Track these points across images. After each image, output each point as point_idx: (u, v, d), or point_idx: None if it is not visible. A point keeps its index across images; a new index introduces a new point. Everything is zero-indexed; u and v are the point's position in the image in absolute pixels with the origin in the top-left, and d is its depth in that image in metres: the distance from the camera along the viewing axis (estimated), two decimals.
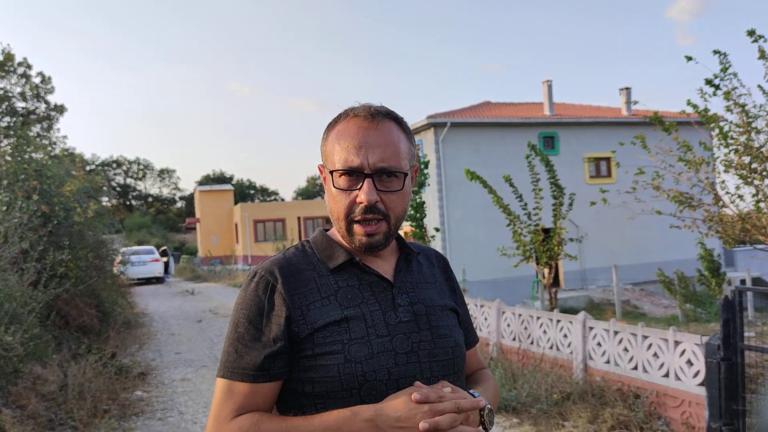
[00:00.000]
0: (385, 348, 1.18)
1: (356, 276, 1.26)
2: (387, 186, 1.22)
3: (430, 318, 1.27)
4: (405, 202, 1.26)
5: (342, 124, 1.25)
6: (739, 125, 6.73)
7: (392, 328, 1.21)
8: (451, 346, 1.27)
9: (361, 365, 1.15)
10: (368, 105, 1.26)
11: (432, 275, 1.39)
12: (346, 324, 1.18)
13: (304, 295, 1.21)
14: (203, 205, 39.70)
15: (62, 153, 18.02)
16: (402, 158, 1.23)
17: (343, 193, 1.22)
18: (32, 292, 6.32)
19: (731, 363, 4.22)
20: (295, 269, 1.25)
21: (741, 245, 8.18)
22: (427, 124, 17.92)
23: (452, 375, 1.25)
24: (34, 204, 6.97)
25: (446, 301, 1.35)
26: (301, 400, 1.19)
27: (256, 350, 1.18)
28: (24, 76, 30.99)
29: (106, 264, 11.70)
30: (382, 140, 1.21)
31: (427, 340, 1.24)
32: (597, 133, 19.65)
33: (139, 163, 73.82)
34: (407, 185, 1.26)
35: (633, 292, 18.28)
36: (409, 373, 1.19)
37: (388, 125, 1.24)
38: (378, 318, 1.21)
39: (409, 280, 1.31)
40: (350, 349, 1.16)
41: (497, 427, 5.63)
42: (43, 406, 5.63)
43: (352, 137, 1.21)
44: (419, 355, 1.21)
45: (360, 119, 1.23)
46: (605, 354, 6.02)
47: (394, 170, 1.21)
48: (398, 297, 1.26)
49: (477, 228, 17.80)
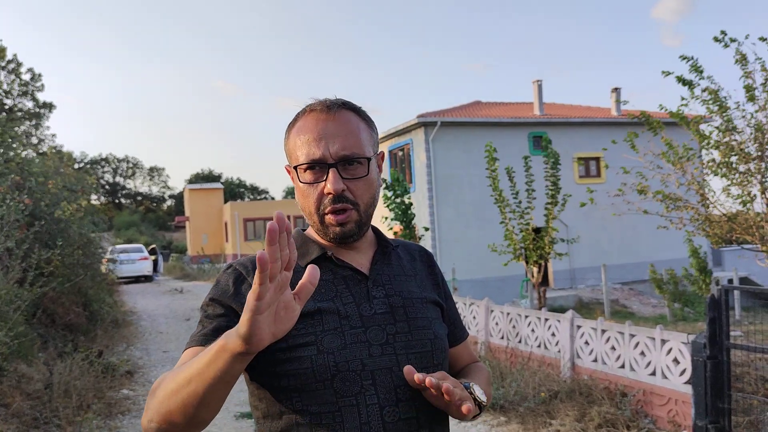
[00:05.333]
0: (358, 339, 1.18)
1: (330, 270, 1.25)
2: (352, 174, 1.22)
3: (408, 310, 1.26)
4: (373, 189, 1.26)
5: (301, 121, 1.25)
6: (719, 128, 6.78)
7: (366, 320, 1.20)
8: (430, 338, 1.25)
9: (333, 356, 1.14)
10: (324, 99, 1.27)
11: (412, 268, 1.37)
12: (319, 316, 1.18)
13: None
14: (193, 204, 39.55)
15: (50, 151, 17.86)
16: (363, 145, 1.24)
17: (310, 187, 1.23)
18: (18, 290, 6.26)
19: (717, 361, 4.24)
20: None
21: (728, 245, 8.24)
22: (417, 124, 17.91)
23: (431, 367, 1.22)
24: (16, 198, 6.89)
25: (427, 294, 1.33)
26: (278, 395, 1.17)
27: (216, 321, 1.17)
28: (13, 72, 30.73)
29: (94, 262, 11.63)
30: (341, 129, 1.22)
31: (404, 332, 1.22)
32: (587, 133, 19.72)
33: (128, 161, 73.49)
34: (373, 171, 1.26)
35: (622, 292, 18.36)
36: (384, 364, 1.17)
37: (346, 115, 1.24)
38: (352, 310, 1.21)
39: (386, 272, 1.30)
40: (323, 340, 1.15)
41: (485, 425, 5.64)
42: (28, 404, 5.58)
43: (311, 131, 1.22)
44: (395, 346, 1.20)
45: (317, 113, 1.23)
46: (593, 353, 6.05)
47: (357, 157, 1.21)
48: (373, 289, 1.25)
49: (467, 227, 17.82)
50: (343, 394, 1.14)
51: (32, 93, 31.80)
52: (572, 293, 17.69)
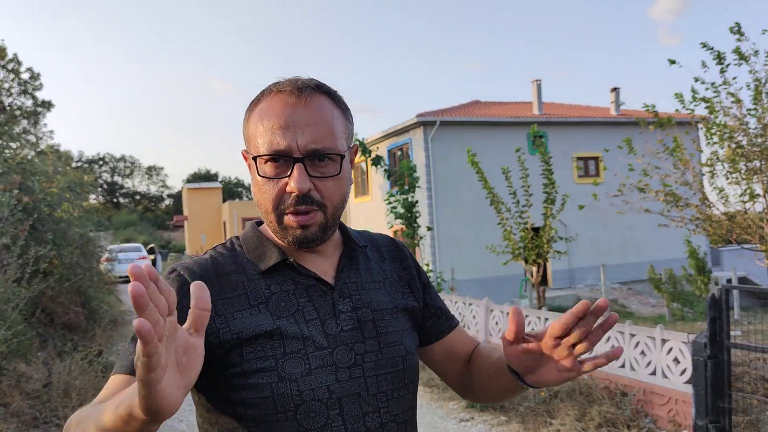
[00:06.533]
0: (324, 363, 1.03)
1: (291, 279, 1.09)
2: (321, 171, 1.05)
3: (377, 324, 1.12)
4: (343, 189, 1.09)
5: (265, 102, 1.07)
6: (728, 127, 6.76)
7: (332, 339, 1.06)
8: (402, 355, 1.12)
9: (296, 383, 1.00)
10: (295, 78, 1.08)
11: (381, 271, 1.21)
12: (279, 336, 1.02)
13: (230, 302, 1.04)
14: (191, 203, 39.56)
15: (48, 149, 17.84)
16: (337, 138, 1.06)
17: (270, 182, 1.05)
18: (16, 289, 6.24)
19: (718, 361, 4.23)
20: (221, 271, 1.07)
21: (728, 245, 8.23)
22: (416, 123, 17.90)
23: (403, 387, 1.11)
24: (14, 198, 6.87)
25: (398, 301, 1.19)
26: (233, 424, 1.02)
27: None
28: (13, 72, 30.68)
29: (93, 261, 11.61)
30: (312, 118, 1.04)
31: (373, 351, 1.09)
32: (586, 132, 19.72)
33: (126, 161, 73.43)
34: (345, 169, 1.08)
35: (620, 291, 18.37)
36: (353, 389, 1.04)
37: (319, 100, 1.06)
38: (316, 328, 1.05)
39: (353, 280, 1.15)
40: (284, 365, 1.00)
41: (485, 425, 5.63)
42: (27, 404, 5.56)
43: (277, 116, 1.03)
44: (364, 368, 1.06)
45: (285, 95, 1.05)
46: (592, 352, 6.04)
47: (329, 152, 1.04)
48: (339, 302, 1.10)
49: (466, 227, 17.81)
50: (308, 427, 1.00)
51: (31, 92, 31.75)
52: (571, 293, 17.70)
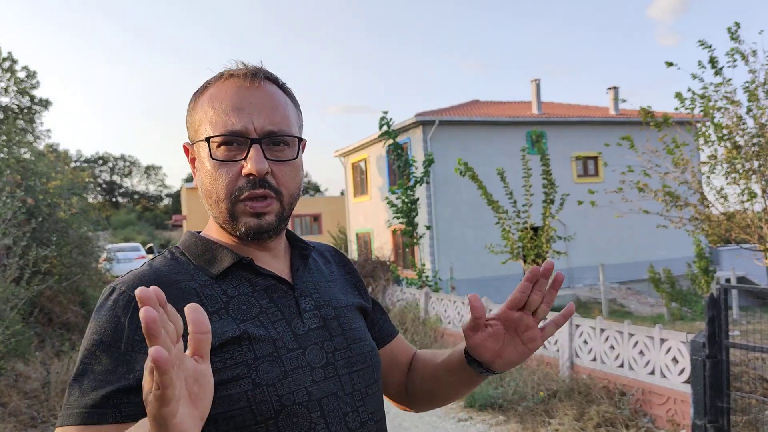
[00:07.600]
0: (299, 363, 0.97)
1: (247, 281, 1.01)
2: (278, 155, 0.99)
3: (341, 321, 1.08)
4: (299, 177, 1.05)
5: (215, 87, 1.01)
6: (726, 127, 6.76)
7: (302, 339, 1.00)
8: (368, 351, 1.09)
9: (274, 388, 0.93)
10: (246, 63, 1.04)
11: (330, 272, 1.19)
12: (247, 340, 0.94)
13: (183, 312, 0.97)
14: (190, 202, 39.50)
15: (46, 149, 17.81)
16: (292, 123, 1.02)
17: (223, 165, 0.98)
18: (14, 289, 6.24)
19: (716, 360, 4.23)
20: (167, 281, 0.96)
21: (727, 244, 8.23)
22: (415, 122, 17.89)
23: (374, 384, 1.08)
24: (18, 200, 6.87)
25: (353, 300, 1.17)
26: None
27: (107, 383, 0.86)
28: (9, 71, 30.63)
29: (91, 261, 11.60)
30: (267, 102, 1.00)
31: (342, 348, 1.05)
32: (585, 132, 19.72)
33: (124, 160, 73.44)
34: (300, 157, 1.05)
35: (620, 291, 18.37)
36: (330, 390, 0.99)
37: (271, 88, 1.03)
38: (283, 328, 0.99)
39: (310, 279, 1.11)
40: (258, 370, 0.93)
41: (483, 425, 5.63)
42: (25, 403, 5.56)
43: (231, 98, 0.98)
44: (336, 367, 1.02)
45: (238, 79, 1.00)
46: (591, 352, 6.04)
47: (285, 134, 1.00)
48: (302, 301, 1.05)
49: (465, 226, 17.81)
50: None
51: (28, 91, 31.70)
52: (570, 292, 17.70)
